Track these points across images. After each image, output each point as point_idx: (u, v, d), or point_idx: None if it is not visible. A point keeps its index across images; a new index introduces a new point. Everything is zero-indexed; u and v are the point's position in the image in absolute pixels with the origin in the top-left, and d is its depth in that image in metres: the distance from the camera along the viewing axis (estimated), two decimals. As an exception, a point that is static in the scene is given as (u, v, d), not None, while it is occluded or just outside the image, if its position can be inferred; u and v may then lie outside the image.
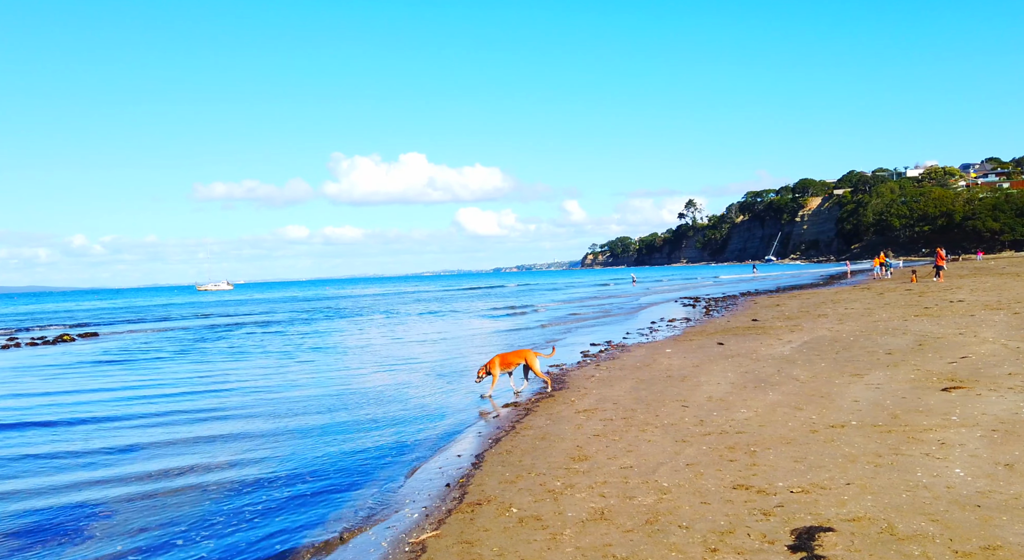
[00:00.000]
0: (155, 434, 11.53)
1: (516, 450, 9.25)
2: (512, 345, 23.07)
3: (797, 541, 5.57)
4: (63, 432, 11.95)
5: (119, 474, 9.17)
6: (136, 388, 16.82)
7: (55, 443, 11.13)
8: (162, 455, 10.10)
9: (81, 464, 9.76)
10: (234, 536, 6.88)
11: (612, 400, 12.18)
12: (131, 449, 10.50)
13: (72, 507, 7.87)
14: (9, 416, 13.61)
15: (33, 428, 12.41)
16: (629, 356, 18.16)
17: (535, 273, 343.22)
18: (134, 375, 19.25)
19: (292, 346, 26.20)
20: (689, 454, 8.40)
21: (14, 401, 15.57)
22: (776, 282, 66.54)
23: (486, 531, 6.38)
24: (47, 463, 9.90)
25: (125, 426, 12.28)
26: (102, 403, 14.80)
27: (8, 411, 14.21)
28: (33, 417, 13.45)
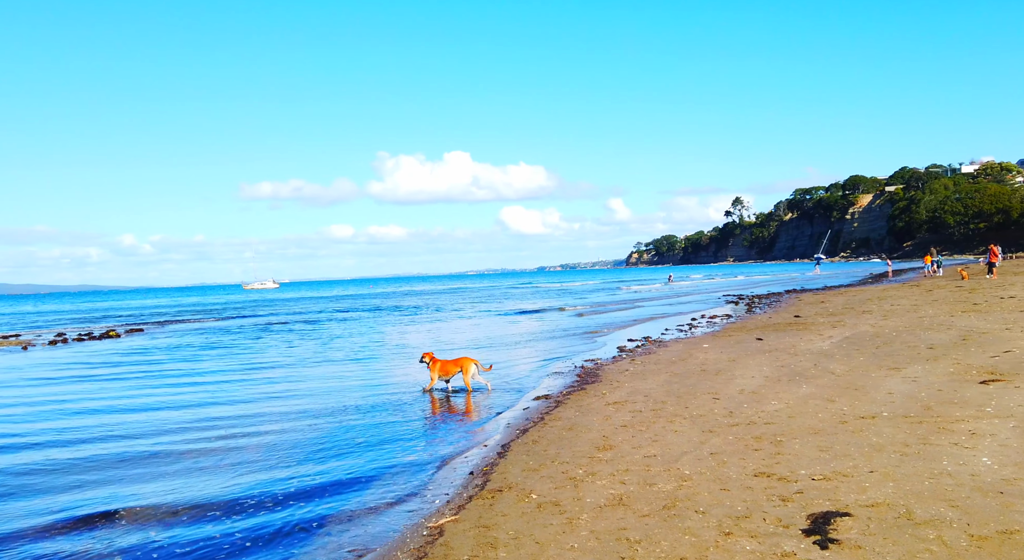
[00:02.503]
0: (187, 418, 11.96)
1: (542, 440, 9.34)
2: (542, 342, 23.17)
3: (812, 525, 5.55)
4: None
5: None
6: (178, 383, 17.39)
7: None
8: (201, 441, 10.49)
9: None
10: (257, 516, 7.13)
11: (643, 393, 12.18)
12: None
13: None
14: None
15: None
16: (665, 351, 18.08)
17: (579, 272, 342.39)
18: (169, 366, 19.90)
19: (334, 342, 26.69)
20: (714, 444, 8.38)
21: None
22: (827, 281, 65.11)
23: (504, 516, 6.49)
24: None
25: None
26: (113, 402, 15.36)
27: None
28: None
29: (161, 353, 25.43)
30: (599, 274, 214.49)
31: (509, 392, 13.85)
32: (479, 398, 13.40)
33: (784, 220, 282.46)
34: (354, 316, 46.09)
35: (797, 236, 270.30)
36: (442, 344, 24.92)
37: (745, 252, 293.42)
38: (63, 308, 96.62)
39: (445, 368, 13.83)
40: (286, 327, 36.83)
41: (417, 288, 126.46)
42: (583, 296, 60.56)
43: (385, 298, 79.89)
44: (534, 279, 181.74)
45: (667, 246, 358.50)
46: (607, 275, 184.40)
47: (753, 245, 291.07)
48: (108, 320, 53.58)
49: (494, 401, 13.00)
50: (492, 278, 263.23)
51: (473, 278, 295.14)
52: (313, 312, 53.20)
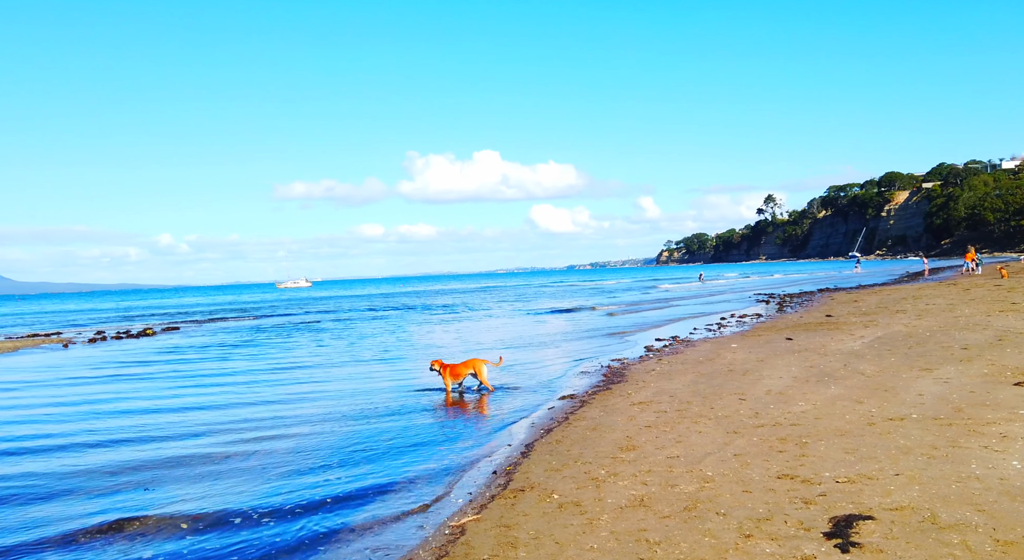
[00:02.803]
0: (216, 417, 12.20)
1: (566, 440, 9.37)
2: (570, 341, 23.18)
3: (834, 528, 5.51)
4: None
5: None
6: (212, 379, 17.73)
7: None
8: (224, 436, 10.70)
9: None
10: (293, 514, 7.27)
11: (669, 393, 12.13)
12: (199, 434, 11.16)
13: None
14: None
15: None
16: (693, 351, 17.98)
17: (609, 271, 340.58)
18: (204, 365, 20.27)
19: (362, 341, 26.96)
20: (739, 445, 8.34)
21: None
22: (861, 279, 63.93)
23: (525, 516, 6.54)
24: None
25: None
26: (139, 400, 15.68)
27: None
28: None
29: (194, 352, 25.92)
30: (629, 273, 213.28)
31: (536, 392, 13.89)
32: (505, 397, 13.46)
33: (818, 218, 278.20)
34: (384, 315, 46.49)
35: (831, 234, 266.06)
36: (470, 344, 25.05)
37: (778, 250, 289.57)
38: (103, 306, 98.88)
39: (455, 372, 13.87)
40: (317, 326, 37.28)
41: (447, 287, 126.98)
42: (614, 295, 60.25)
43: (415, 297, 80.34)
44: (564, 277, 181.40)
45: (698, 244, 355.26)
46: (637, 274, 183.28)
47: (786, 243, 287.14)
48: (146, 319, 54.67)
49: (520, 400, 13.05)
50: (522, 277, 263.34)
51: (503, 277, 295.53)
52: (344, 311, 53.75)
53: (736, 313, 30.20)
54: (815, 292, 44.05)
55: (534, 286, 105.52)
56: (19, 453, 10.20)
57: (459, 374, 13.91)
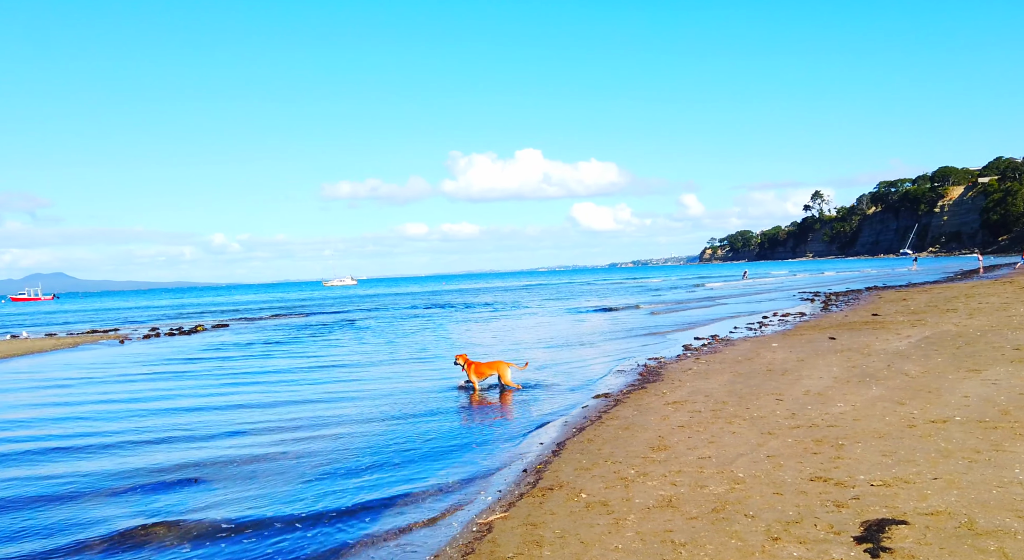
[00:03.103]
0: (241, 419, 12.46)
1: (597, 439, 9.34)
2: (610, 339, 23.08)
3: (865, 533, 5.39)
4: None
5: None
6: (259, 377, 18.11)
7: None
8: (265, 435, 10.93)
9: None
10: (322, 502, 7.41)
11: (704, 393, 12.00)
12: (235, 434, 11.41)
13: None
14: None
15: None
16: (732, 350, 17.73)
17: (651, 268, 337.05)
18: (251, 362, 20.72)
19: (402, 339, 27.24)
20: (772, 446, 8.21)
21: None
22: (912, 277, 62.08)
23: (552, 514, 6.55)
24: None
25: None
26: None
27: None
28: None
29: (239, 349, 26.49)
30: (672, 271, 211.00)
31: (571, 390, 13.87)
32: (540, 396, 13.47)
33: (867, 214, 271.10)
34: (424, 314, 46.86)
35: (881, 230, 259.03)
36: (508, 343, 25.12)
37: (825, 247, 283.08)
38: (159, 303, 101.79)
39: (480, 370, 14.16)
40: (359, 324, 37.76)
41: (489, 285, 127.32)
42: (657, 293, 59.52)
43: (457, 295, 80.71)
44: (607, 276, 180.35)
45: (742, 242, 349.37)
46: (680, 272, 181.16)
47: (834, 240, 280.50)
48: (198, 316, 55.98)
49: (555, 399, 13.04)
50: (563, 275, 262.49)
51: (544, 275, 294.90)
52: (386, 309, 54.33)
53: (779, 312, 29.65)
54: (862, 290, 42.98)
55: (576, 284, 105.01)
56: (66, 451, 10.42)
57: (483, 373, 14.19)
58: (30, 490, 8.52)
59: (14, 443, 11.15)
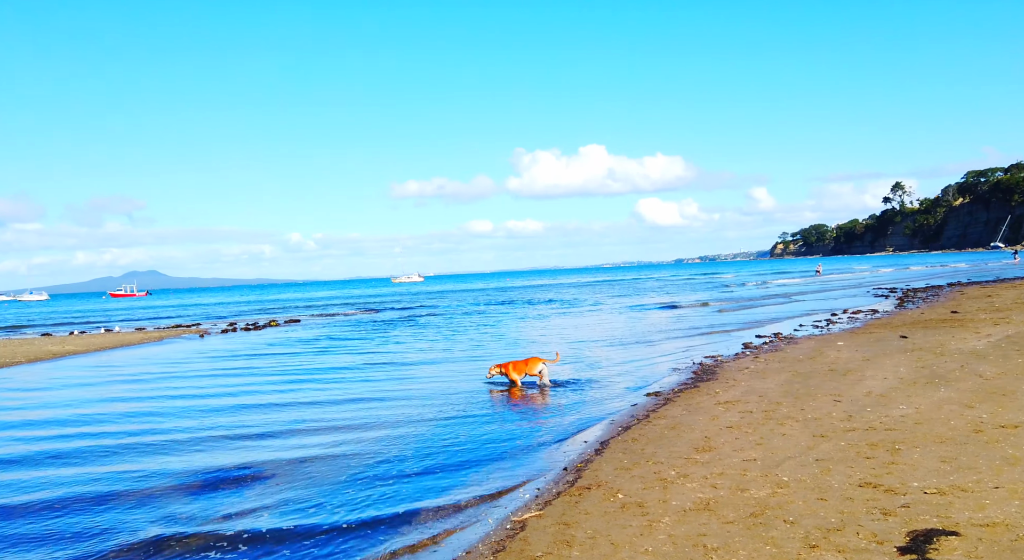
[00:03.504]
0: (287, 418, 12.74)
1: (642, 438, 9.17)
2: (670, 337, 22.68)
3: (910, 543, 5.10)
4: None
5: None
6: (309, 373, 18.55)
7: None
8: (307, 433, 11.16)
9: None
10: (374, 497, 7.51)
11: (759, 392, 11.63)
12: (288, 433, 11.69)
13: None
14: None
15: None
16: (794, 348, 17.14)
17: (719, 264, 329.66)
18: (310, 359, 21.24)
19: (460, 335, 27.44)
20: (823, 449, 7.88)
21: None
22: (1000, 273, 58.62)
23: (586, 514, 6.45)
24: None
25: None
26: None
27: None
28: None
29: (305, 345, 27.19)
30: (741, 266, 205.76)
31: (622, 389, 13.69)
32: (589, 394, 13.34)
33: (953, 206, 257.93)
34: (485, 310, 47.14)
35: (969, 223, 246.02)
36: (566, 340, 24.99)
37: (907, 241, 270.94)
38: (241, 299, 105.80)
39: (517, 368, 14.43)
40: (420, 321, 38.21)
41: (552, 281, 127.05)
42: (727, 289, 57.86)
43: (520, 292, 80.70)
44: (674, 271, 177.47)
45: (816, 236, 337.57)
46: (750, 267, 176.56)
47: (916, 234, 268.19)
48: (274, 312, 57.62)
49: (605, 397, 12.89)
50: (629, 270, 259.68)
51: (609, 271, 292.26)
52: (449, 306, 54.81)
53: (849, 309, 28.49)
54: (944, 286, 40.92)
55: (643, 280, 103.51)
56: (128, 449, 10.53)
57: (521, 371, 14.38)
58: (84, 490, 8.43)
59: (76, 440, 11.33)
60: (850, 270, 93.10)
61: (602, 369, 16.38)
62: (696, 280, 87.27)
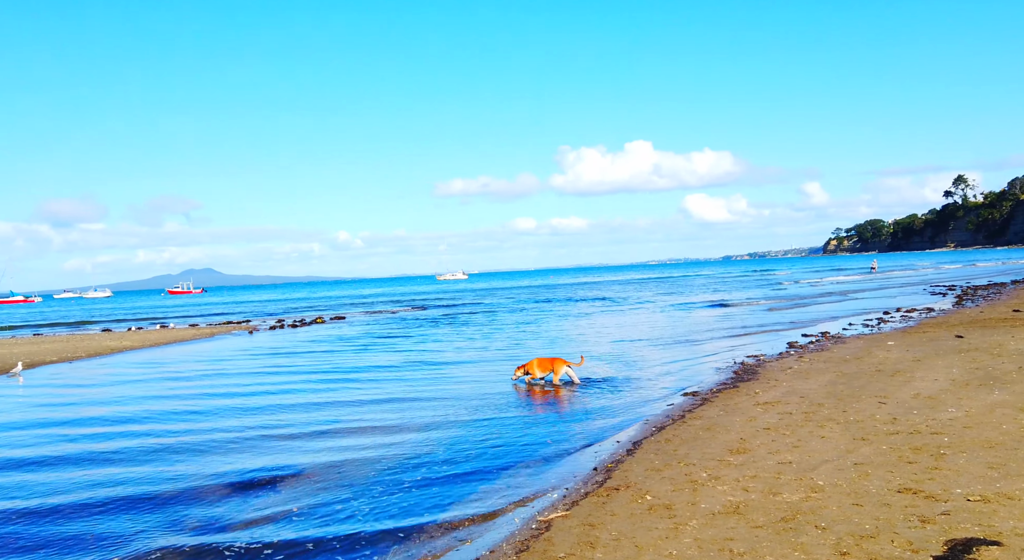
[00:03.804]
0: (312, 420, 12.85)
1: (675, 439, 9.01)
2: (714, 336, 22.30)
3: (948, 552, 4.87)
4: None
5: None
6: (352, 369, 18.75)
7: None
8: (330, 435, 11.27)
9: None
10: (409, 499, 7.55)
11: (800, 393, 11.33)
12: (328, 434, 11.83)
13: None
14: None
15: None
16: (841, 348, 16.66)
17: (768, 260, 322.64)
18: (348, 358, 21.50)
19: (499, 333, 27.45)
20: (863, 453, 7.61)
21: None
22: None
23: (613, 515, 6.36)
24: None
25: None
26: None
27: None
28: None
29: (346, 343, 27.51)
30: (792, 263, 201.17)
31: (660, 388, 13.51)
32: (626, 393, 13.20)
33: (1021, 199, 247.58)
34: (528, 308, 47.12)
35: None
36: (607, 340, 24.79)
37: (969, 237, 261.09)
38: (291, 297, 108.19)
39: (543, 365, 14.57)
40: (461, 319, 38.25)
41: (597, 279, 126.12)
42: (778, 287, 56.25)
43: (563, 289, 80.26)
44: (724, 268, 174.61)
45: (871, 232, 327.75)
46: (802, 264, 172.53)
47: (980, 229, 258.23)
48: (321, 309, 58.40)
49: (641, 397, 12.73)
50: (675, 267, 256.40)
51: (655, 268, 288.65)
52: (492, 303, 54.93)
53: (903, 308, 27.58)
54: (1007, 284, 39.32)
55: (691, 277, 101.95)
56: (162, 451, 10.32)
57: (546, 369, 14.48)
58: (110, 493, 8.33)
59: (116, 440, 11.29)
60: (911, 267, 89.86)
61: (641, 368, 16.19)
62: (748, 277, 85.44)
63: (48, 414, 14.12)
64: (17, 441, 11.65)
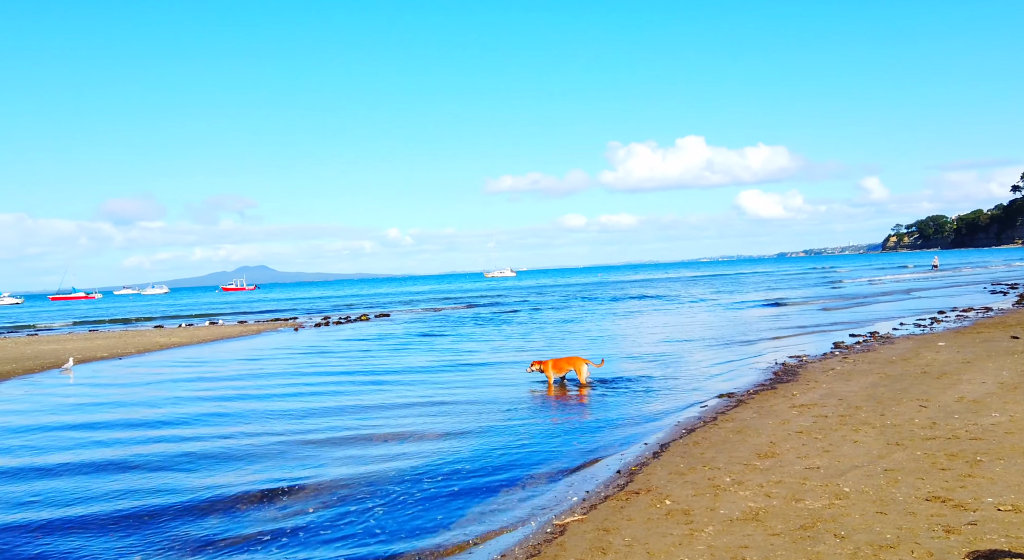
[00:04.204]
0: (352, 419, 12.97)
1: (704, 442, 8.87)
2: (760, 336, 21.87)
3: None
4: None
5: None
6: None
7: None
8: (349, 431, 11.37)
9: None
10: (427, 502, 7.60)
11: (839, 396, 11.03)
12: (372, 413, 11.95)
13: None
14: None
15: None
16: (889, 349, 16.15)
17: (824, 258, 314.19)
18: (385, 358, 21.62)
19: (536, 333, 27.39)
20: (895, 459, 7.37)
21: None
22: None
23: (629, 520, 6.29)
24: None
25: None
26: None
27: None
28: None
29: (382, 342, 27.68)
30: (850, 260, 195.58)
31: (695, 389, 13.33)
32: (660, 394, 13.06)
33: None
34: (572, 305, 46.91)
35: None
36: (651, 339, 24.54)
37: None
38: (340, 294, 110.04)
39: (558, 365, 14.41)
40: (502, 318, 38.00)
41: (647, 276, 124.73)
42: (836, 285, 54.43)
43: (611, 287, 79.40)
44: (779, 265, 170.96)
45: (933, 228, 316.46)
46: (860, 261, 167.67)
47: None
48: (369, 307, 58.73)
49: (675, 398, 12.57)
50: (728, 265, 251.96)
51: (707, 265, 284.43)
52: (536, 301, 54.71)
53: (959, 307, 26.56)
54: (1074, 281, 37.53)
55: (745, 275, 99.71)
56: (184, 458, 9.98)
57: (561, 369, 14.33)
58: (120, 507, 7.96)
59: (138, 446, 10.95)
60: (983, 264, 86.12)
61: (680, 369, 15.97)
62: (807, 275, 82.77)
63: (79, 417, 13.81)
64: (42, 443, 11.48)
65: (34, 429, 12.68)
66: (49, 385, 18.88)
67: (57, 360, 22.75)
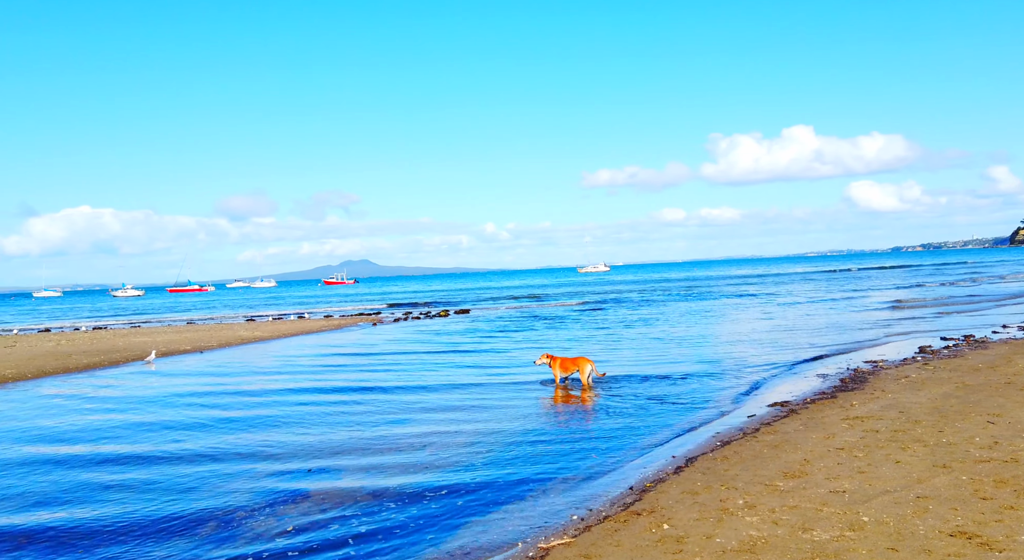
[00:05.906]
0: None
1: (734, 457, 8.30)
2: (845, 338, 20.54)
3: (968, 622, 4.07)
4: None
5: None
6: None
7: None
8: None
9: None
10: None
11: (901, 407, 10.11)
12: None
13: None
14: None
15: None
16: (979, 355, 14.76)
17: (943, 252, 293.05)
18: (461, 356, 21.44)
19: (600, 331, 26.74)
20: (935, 484, 6.62)
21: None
22: None
23: (616, 546, 5.90)
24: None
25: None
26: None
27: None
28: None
29: (449, 344, 27.41)
30: (974, 254, 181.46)
31: (746, 396, 12.63)
32: (709, 401, 12.39)
33: None
34: (653, 299, 45.67)
35: None
36: (722, 340, 23.53)
37: None
38: (434, 288, 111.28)
39: (564, 365, 14.30)
40: (574, 317, 37.29)
41: (749, 272, 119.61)
42: (955, 284, 49.05)
43: (707, 283, 76.52)
44: (892, 260, 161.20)
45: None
46: (986, 255, 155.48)
47: None
48: (458, 302, 58.45)
49: (723, 406, 11.89)
50: (837, 260, 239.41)
51: (814, 260, 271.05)
52: (626, 298, 53.11)
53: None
54: None
55: (871, 270, 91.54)
56: (194, 460, 10.66)
57: (567, 369, 14.29)
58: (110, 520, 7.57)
59: (154, 445, 11.00)
60: None
61: (738, 375, 15.11)
62: (948, 268, 73.15)
63: (117, 416, 13.58)
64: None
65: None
66: (127, 376, 19.51)
67: (142, 352, 24.06)
